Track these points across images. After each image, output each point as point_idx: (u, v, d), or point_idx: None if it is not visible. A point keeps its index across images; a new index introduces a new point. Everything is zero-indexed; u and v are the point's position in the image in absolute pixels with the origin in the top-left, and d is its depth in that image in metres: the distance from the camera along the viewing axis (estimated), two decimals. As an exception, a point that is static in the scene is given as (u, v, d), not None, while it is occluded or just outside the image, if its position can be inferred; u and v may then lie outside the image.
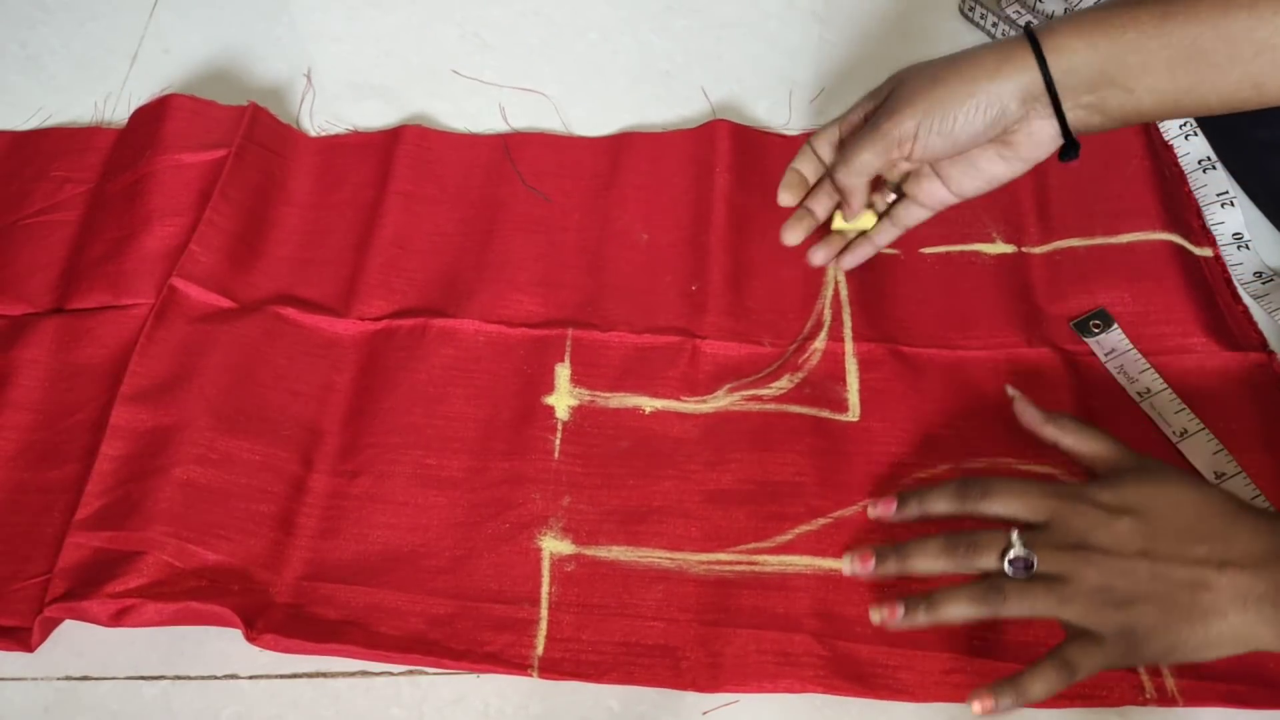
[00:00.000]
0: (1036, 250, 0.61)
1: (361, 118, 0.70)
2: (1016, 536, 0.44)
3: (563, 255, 0.62)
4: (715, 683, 0.47)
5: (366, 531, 0.52)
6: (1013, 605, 0.44)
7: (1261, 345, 0.56)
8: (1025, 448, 0.52)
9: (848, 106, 0.54)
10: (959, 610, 0.44)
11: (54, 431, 0.55)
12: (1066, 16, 0.48)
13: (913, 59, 0.51)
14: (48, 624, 0.49)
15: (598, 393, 0.56)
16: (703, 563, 0.51)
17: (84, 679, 0.49)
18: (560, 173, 0.66)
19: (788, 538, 0.51)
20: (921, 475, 0.53)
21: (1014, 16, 0.72)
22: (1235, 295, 0.59)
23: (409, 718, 0.48)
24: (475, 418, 0.55)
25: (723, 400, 0.56)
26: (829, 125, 0.54)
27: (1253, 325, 0.57)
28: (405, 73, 0.73)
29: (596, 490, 0.53)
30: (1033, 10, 0.72)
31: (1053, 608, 0.43)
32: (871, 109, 0.52)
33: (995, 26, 0.72)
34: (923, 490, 0.48)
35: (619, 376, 0.57)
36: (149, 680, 0.49)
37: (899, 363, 0.57)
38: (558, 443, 0.54)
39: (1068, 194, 0.63)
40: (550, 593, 0.50)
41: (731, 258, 0.61)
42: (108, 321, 0.58)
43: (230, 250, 0.61)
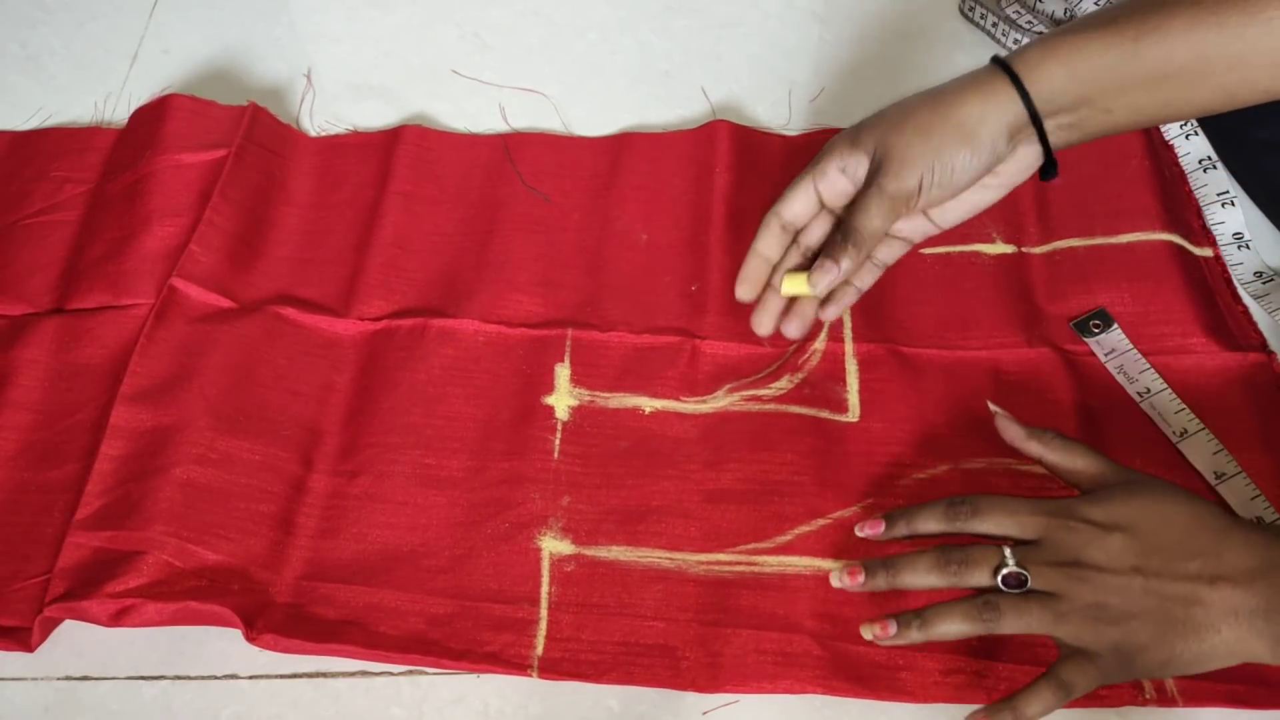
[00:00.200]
0: (1036, 250, 0.61)
1: (361, 118, 0.70)
2: (1010, 553, 0.44)
3: (562, 255, 0.62)
4: (715, 683, 0.47)
5: (366, 531, 0.52)
6: (1007, 622, 0.44)
7: (1261, 345, 0.56)
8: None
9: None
10: (953, 627, 0.44)
11: (54, 431, 0.55)
12: (1038, 42, 0.48)
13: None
14: (48, 624, 0.49)
15: (597, 393, 0.56)
16: (702, 563, 0.51)
17: (84, 679, 0.49)
18: (560, 173, 0.66)
19: (787, 538, 0.51)
20: (920, 476, 0.53)
21: (1014, 16, 0.71)
22: (1235, 295, 0.59)
23: (409, 718, 0.48)
24: (475, 418, 0.55)
25: (722, 400, 0.56)
26: (800, 185, 0.52)
27: (1253, 325, 0.57)
28: (405, 73, 0.73)
29: (596, 490, 0.53)
30: (1032, 10, 0.72)
31: (1047, 625, 0.43)
32: (847, 163, 0.50)
33: (995, 26, 0.72)
34: (911, 509, 0.48)
35: (618, 376, 0.57)
36: (149, 680, 0.49)
37: (899, 363, 0.57)
38: (557, 443, 0.54)
39: (1068, 194, 0.63)
40: (550, 593, 0.50)
41: (731, 258, 0.60)
42: (108, 321, 0.58)
43: (230, 250, 0.61)
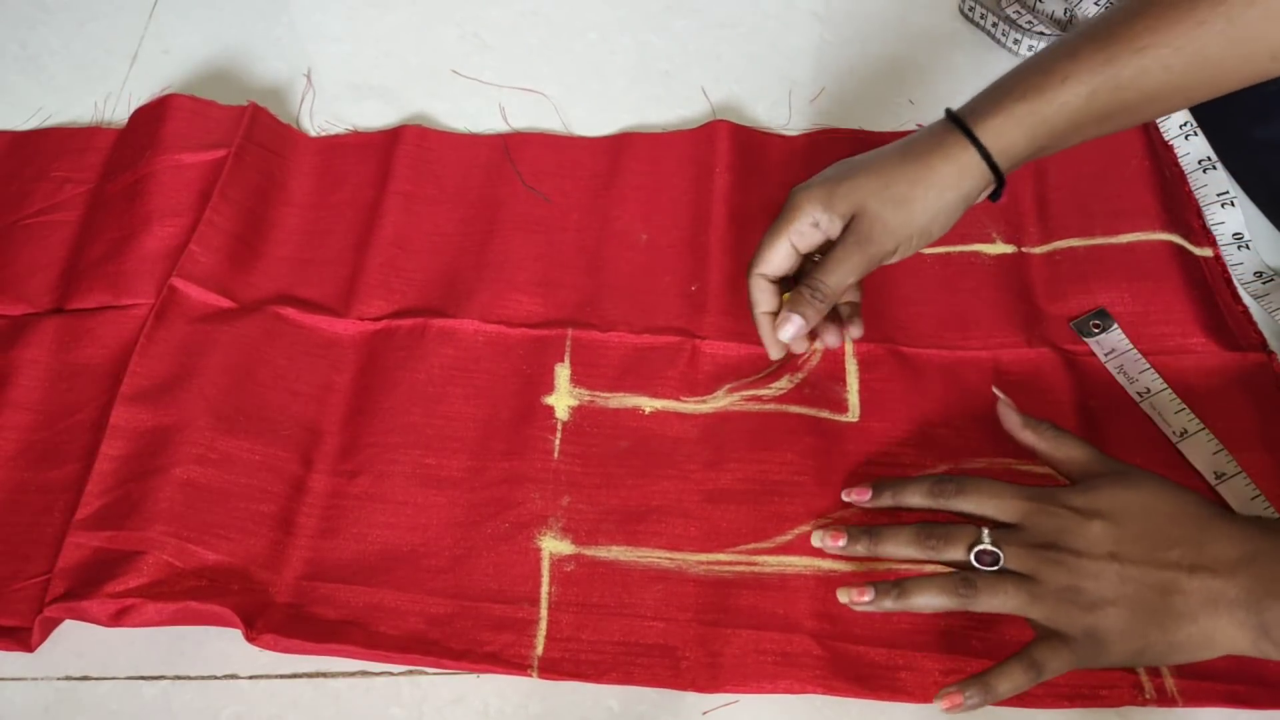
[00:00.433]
0: (1036, 250, 0.61)
1: (361, 118, 0.70)
2: (987, 533, 0.45)
3: (562, 255, 0.62)
4: (715, 683, 0.47)
5: (366, 531, 0.52)
6: (983, 599, 0.44)
7: (1261, 345, 0.56)
8: (1024, 449, 0.52)
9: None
10: (927, 599, 0.45)
11: (54, 431, 0.55)
12: (996, 102, 0.48)
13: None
14: (48, 624, 0.49)
15: (597, 393, 0.56)
16: (702, 563, 0.51)
17: (84, 679, 0.49)
18: (560, 173, 0.66)
19: (787, 538, 0.51)
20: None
21: (1014, 16, 0.71)
22: (1235, 295, 0.59)
23: (409, 718, 0.48)
24: (475, 417, 0.55)
25: (722, 400, 0.56)
26: (775, 242, 0.52)
27: (1253, 325, 0.57)
28: (405, 73, 0.73)
29: (596, 490, 0.53)
30: (1032, 10, 0.72)
31: (1022, 605, 0.44)
32: (821, 220, 0.51)
33: (995, 27, 0.72)
34: (899, 481, 0.50)
35: (618, 376, 0.57)
36: (149, 680, 0.49)
37: (899, 363, 0.57)
38: (557, 443, 0.54)
39: (1067, 194, 0.63)
40: (550, 592, 0.50)
41: (731, 258, 0.61)
42: (108, 321, 0.58)
43: (230, 250, 0.61)
